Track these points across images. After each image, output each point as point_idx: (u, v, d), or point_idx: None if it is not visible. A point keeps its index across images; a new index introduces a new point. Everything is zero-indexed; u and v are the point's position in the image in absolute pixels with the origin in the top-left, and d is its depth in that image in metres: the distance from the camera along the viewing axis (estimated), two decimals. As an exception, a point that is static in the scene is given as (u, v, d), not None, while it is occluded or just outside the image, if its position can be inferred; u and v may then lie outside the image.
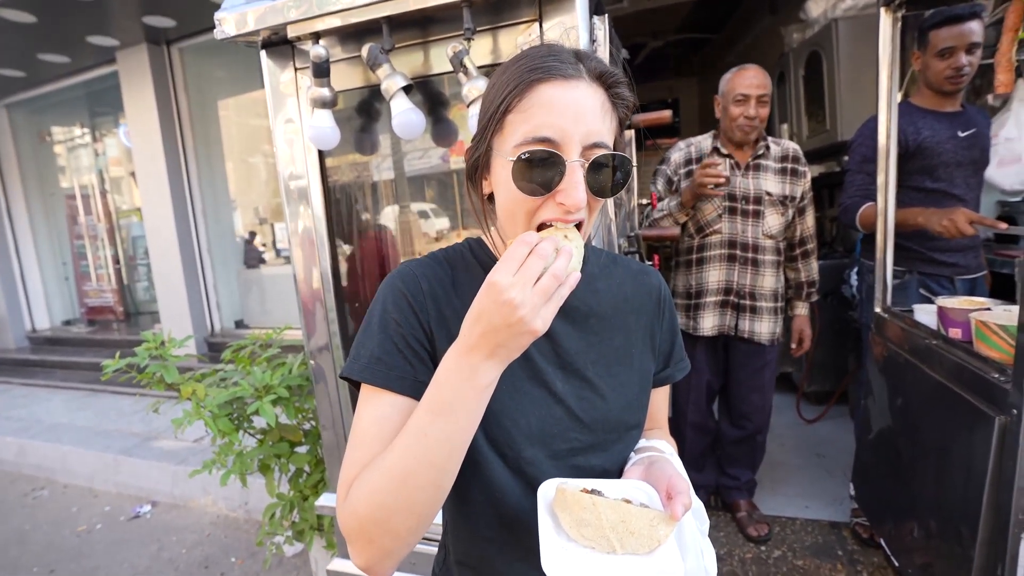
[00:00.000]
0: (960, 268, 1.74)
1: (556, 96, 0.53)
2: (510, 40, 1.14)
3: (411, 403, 0.56)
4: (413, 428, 0.50)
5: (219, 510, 2.57)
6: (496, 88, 0.57)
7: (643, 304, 0.72)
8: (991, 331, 1.21)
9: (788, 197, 1.81)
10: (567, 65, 0.54)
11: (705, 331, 1.85)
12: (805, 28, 3.17)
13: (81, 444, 3.08)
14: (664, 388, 0.77)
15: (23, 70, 4.32)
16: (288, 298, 4.11)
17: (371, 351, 0.59)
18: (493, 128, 0.57)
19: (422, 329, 0.60)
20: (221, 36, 1.19)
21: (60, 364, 4.81)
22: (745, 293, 1.82)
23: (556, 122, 0.53)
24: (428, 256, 0.68)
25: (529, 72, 0.54)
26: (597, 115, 0.55)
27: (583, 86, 0.54)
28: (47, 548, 2.38)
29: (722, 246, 1.81)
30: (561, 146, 0.53)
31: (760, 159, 1.81)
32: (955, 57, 1.60)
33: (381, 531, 0.50)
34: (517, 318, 0.46)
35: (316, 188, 1.32)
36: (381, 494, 0.50)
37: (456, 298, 0.63)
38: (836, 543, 1.89)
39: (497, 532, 0.65)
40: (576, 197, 0.53)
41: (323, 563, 1.77)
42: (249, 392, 1.57)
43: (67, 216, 5.38)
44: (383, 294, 0.62)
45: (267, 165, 4.68)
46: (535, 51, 0.57)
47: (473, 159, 0.61)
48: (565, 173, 0.53)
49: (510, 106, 0.55)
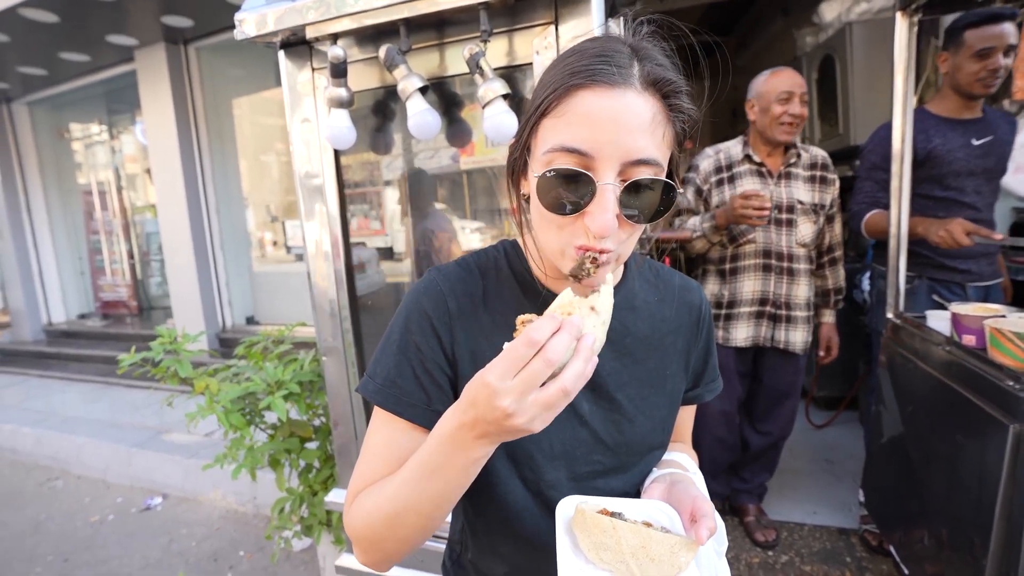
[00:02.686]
0: (973, 275, 1.72)
1: (596, 106, 0.47)
2: (526, 42, 1.15)
3: (421, 432, 0.57)
4: (407, 475, 0.51)
5: (228, 504, 2.60)
6: (540, 86, 0.52)
7: (682, 323, 0.68)
8: (1006, 338, 1.20)
9: (819, 205, 1.78)
10: (616, 69, 0.47)
11: (738, 342, 1.81)
12: (818, 32, 3.15)
13: (95, 436, 3.13)
14: (691, 406, 0.75)
15: (45, 68, 4.40)
16: (299, 295, 4.15)
17: (388, 371, 0.58)
18: (530, 129, 0.53)
19: (443, 354, 0.59)
20: (241, 36, 1.21)
21: (75, 357, 4.89)
22: (781, 303, 1.79)
23: (592, 135, 0.47)
24: (460, 263, 0.64)
25: (571, 75, 0.48)
26: (644, 129, 0.48)
27: (630, 95, 0.47)
28: (61, 538, 2.42)
29: (756, 256, 1.77)
30: (595, 161, 0.48)
31: (792, 167, 1.78)
32: (993, 58, 1.55)
33: (374, 547, 0.54)
34: (510, 424, 0.42)
35: (331, 187, 1.33)
36: (374, 522, 0.53)
37: (485, 313, 0.60)
38: (844, 550, 1.88)
39: (512, 550, 0.65)
40: (603, 223, 0.48)
41: (331, 558, 1.79)
42: (261, 387, 1.59)
43: (84, 211, 5.48)
44: (407, 310, 0.60)
45: (279, 163, 4.73)
46: (586, 48, 0.50)
47: (512, 158, 0.57)
48: (595, 195, 0.48)
49: (547, 109, 0.50)
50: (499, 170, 1.80)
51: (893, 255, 1.69)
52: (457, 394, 0.59)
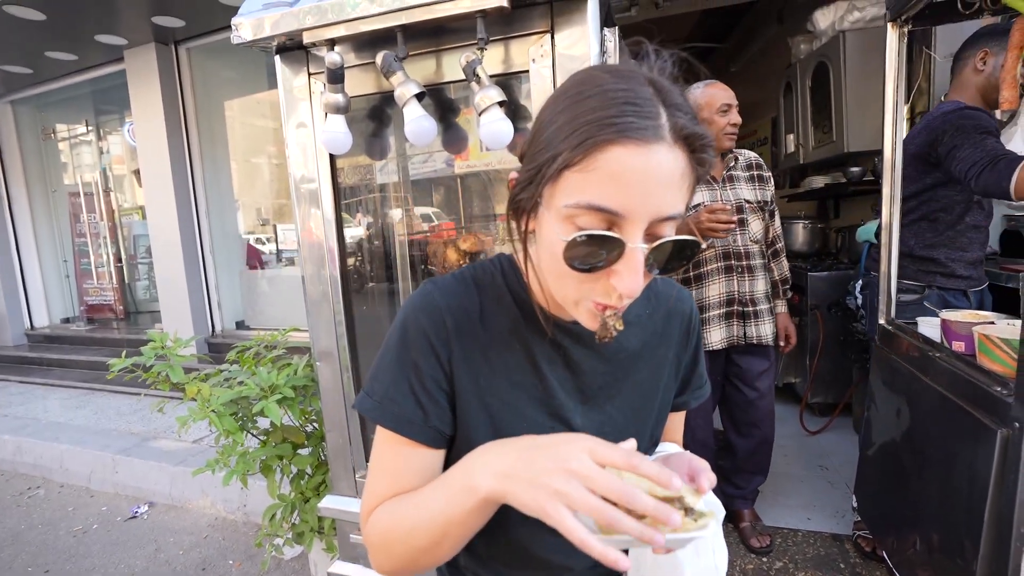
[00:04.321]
0: (973, 280, 1.74)
1: (629, 164, 0.44)
2: (522, 50, 1.15)
3: (421, 448, 0.58)
4: (417, 512, 0.53)
5: (217, 512, 2.56)
6: (556, 129, 0.47)
7: (673, 334, 0.69)
8: (994, 344, 1.22)
9: (762, 202, 1.90)
10: (647, 122, 0.44)
11: (714, 345, 1.86)
12: (812, 39, 3.20)
13: (78, 443, 3.06)
14: (682, 412, 0.76)
15: (30, 67, 4.33)
16: (290, 300, 4.11)
17: (385, 388, 0.58)
18: (546, 178, 0.48)
19: (441, 370, 0.58)
20: (238, 41, 1.19)
21: (58, 362, 4.80)
22: (747, 300, 1.86)
23: (623, 194, 0.44)
24: (456, 276, 0.63)
25: (598, 128, 0.44)
26: (674, 185, 0.46)
27: (663, 151, 0.44)
28: (42, 548, 2.36)
29: (717, 259, 1.85)
30: (624, 220, 0.45)
31: (732, 171, 1.89)
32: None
33: (391, 560, 0.56)
34: (541, 474, 0.43)
35: (327, 191, 1.32)
36: (391, 542, 0.56)
37: (483, 331, 0.60)
38: (838, 555, 1.89)
39: (506, 557, 0.66)
40: (632, 285, 0.46)
41: (322, 566, 1.77)
42: (255, 392, 1.57)
43: (69, 213, 5.39)
44: (404, 325, 0.59)
45: (271, 167, 4.70)
46: (611, 91, 0.46)
47: (517, 199, 0.53)
48: (623, 256, 0.46)
49: (570, 162, 0.45)
50: (493, 175, 1.80)
51: (885, 261, 1.71)
52: (455, 410, 0.60)
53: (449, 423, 0.60)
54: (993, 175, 1.42)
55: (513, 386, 0.60)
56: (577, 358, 0.62)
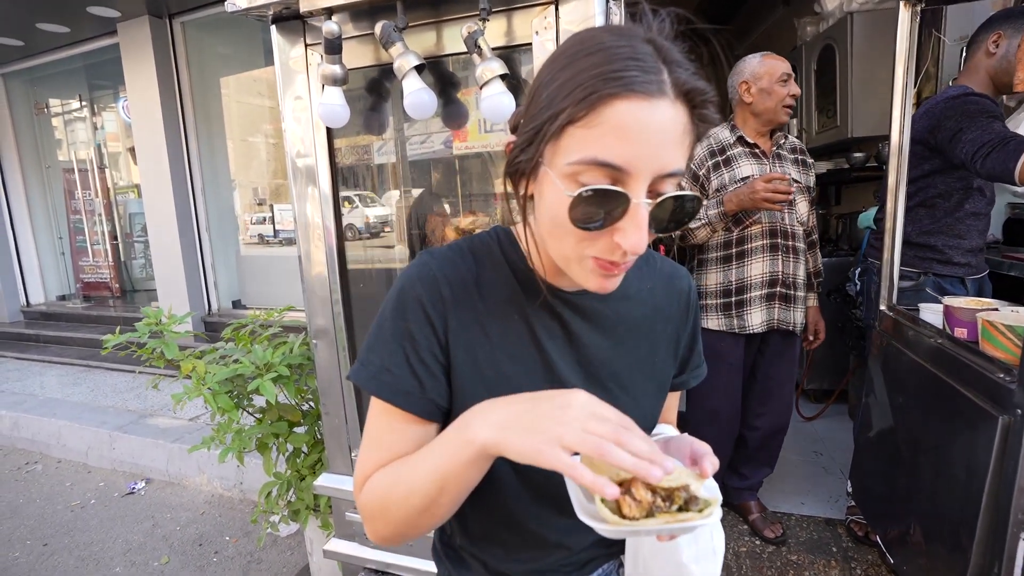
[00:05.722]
0: (972, 268, 1.72)
1: (633, 118, 0.44)
2: (525, 22, 1.11)
3: (416, 420, 0.57)
4: (414, 472, 0.52)
5: (214, 489, 2.57)
6: (558, 86, 0.47)
7: (672, 311, 0.69)
8: (998, 331, 1.21)
9: (806, 186, 1.83)
10: (650, 76, 0.44)
11: (755, 327, 1.76)
12: (819, 21, 3.13)
13: (76, 419, 3.07)
14: (676, 392, 0.75)
15: (21, 39, 4.24)
16: (287, 279, 4.09)
17: (381, 359, 0.57)
18: (548, 136, 0.47)
19: (437, 341, 0.57)
20: (232, 9, 1.16)
21: (55, 339, 4.78)
22: (790, 283, 1.77)
23: (628, 149, 0.44)
24: (453, 247, 0.62)
25: (603, 81, 0.44)
26: (676, 141, 0.46)
27: (665, 106, 0.44)
28: (40, 522, 2.37)
29: (763, 236, 1.74)
30: (628, 176, 0.45)
31: (780, 149, 1.81)
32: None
33: (388, 525, 0.55)
34: (552, 423, 0.43)
35: (324, 167, 1.29)
36: (387, 505, 0.54)
37: (480, 301, 0.59)
38: (831, 540, 1.91)
39: (504, 534, 0.66)
40: (636, 241, 0.46)
41: (318, 543, 1.77)
42: (250, 369, 1.56)
43: (64, 190, 5.33)
44: (399, 295, 0.58)
45: (268, 145, 4.64)
46: (611, 47, 0.45)
47: (516, 161, 0.52)
48: (628, 212, 0.46)
49: (574, 117, 0.45)
50: (494, 154, 1.77)
51: (888, 247, 1.69)
52: (451, 381, 0.59)
53: (445, 396, 0.58)
54: (1001, 156, 1.40)
55: (511, 359, 0.59)
56: (577, 330, 0.61)
